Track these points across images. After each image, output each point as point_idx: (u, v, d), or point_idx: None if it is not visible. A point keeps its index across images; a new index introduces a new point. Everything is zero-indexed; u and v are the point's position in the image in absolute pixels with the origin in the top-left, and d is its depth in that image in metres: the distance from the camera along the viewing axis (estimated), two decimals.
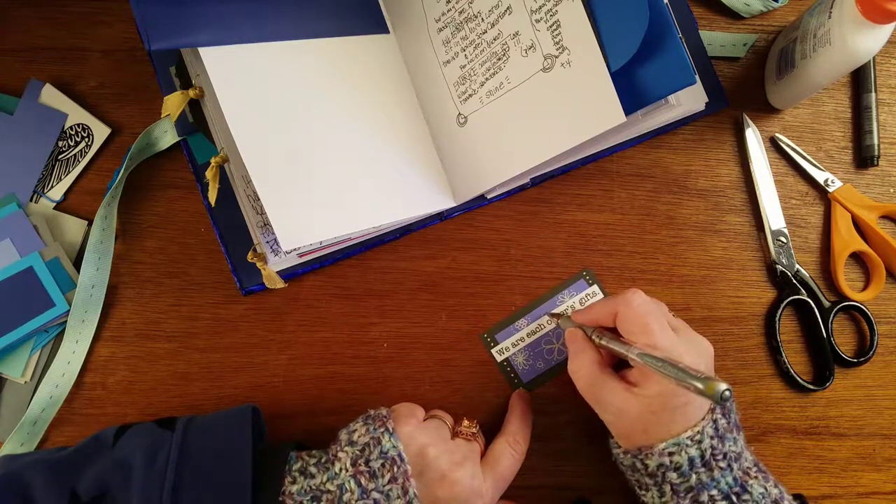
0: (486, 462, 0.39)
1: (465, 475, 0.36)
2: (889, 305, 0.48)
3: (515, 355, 0.46)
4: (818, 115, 0.49)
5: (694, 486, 0.35)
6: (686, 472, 0.35)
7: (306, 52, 0.42)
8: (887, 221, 0.48)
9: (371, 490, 0.34)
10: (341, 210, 0.41)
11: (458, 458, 0.37)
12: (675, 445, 0.35)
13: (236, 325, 0.45)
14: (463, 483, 0.36)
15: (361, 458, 0.35)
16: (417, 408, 0.40)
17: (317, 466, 0.36)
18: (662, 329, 0.36)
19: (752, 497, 0.35)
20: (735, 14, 0.49)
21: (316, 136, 0.41)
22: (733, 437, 0.36)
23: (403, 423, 0.37)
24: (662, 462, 0.35)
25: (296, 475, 0.35)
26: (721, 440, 0.36)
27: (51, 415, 0.43)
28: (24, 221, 0.44)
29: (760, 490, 0.35)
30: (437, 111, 0.46)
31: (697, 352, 0.37)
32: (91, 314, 0.44)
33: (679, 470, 0.35)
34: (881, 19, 0.37)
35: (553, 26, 0.39)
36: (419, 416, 0.39)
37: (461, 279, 0.46)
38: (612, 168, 0.48)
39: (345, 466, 0.35)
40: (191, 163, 0.46)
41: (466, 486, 0.36)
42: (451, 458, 0.37)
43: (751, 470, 0.37)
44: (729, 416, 0.37)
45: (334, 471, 0.35)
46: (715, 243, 0.48)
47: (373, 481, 0.35)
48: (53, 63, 0.47)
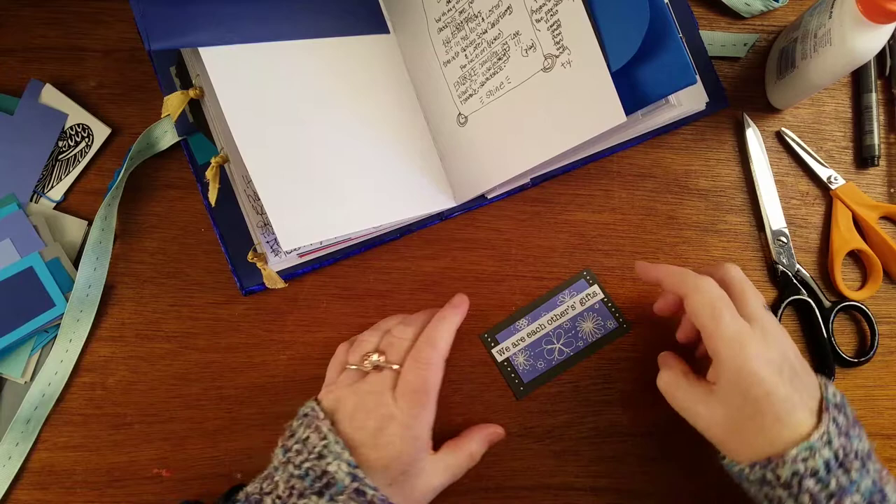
0: (398, 384, 0.38)
1: (371, 404, 0.37)
2: (889, 305, 0.47)
3: (516, 355, 0.46)
4: (819, 115, 0.49)
5: (834, 492, 0.32)
6: (824, 478, 0.33)
7: (306, 52, 0.42)
8: (887, 222, 0.48)
9: (292, 446, 0.36)
10: (341, 210, 0.41)
11: (364, 394, 0.37)
12: (807, 450, 0.33)
13: (236, 325, 0.45)
14: (370, 412, 0.36)
15: (286, 430, 0.37)
16: (333, 361, 0.41)
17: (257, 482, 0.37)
18: (733, 317, 0.35)
19: (890, 503, 0.33)
20: (735, 14, 0.49)
21: (316, 137, 0.41)
22: (857, 433, 0.34)
23: (321, 391, 0.39)
24: (797, 469, 0.33)
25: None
26: (847, 438, 0.33)
27: (44, 413, 0.43)
28: (24, 221, 0.44)
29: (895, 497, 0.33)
30: (437, 111, 0.46)
31: (765, 343, 0.35)
32: (86, 314, 0.44)
33: (816, 476, 0.33)
34: (881, 19, 0.37)
35: (553, 26, 0.39)
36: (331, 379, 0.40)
37: (461, 279, 0.46)
38: (612, 168, 0.48)
39: (276, 452, 0.37)
40: (191, 163, 0.46)
41: (374, 414, 0.36)
42: (355, 397, 0.37)
43: (883, 473, 0.34)
44: (844, 411, 0.35)
45: (273, 465, 0.36)
46: (715, 243, 0.48)
47: (291, 438, 0.36)
48: (53, 63, 0.47)
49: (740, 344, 0.35)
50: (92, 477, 0.43)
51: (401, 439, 0.36)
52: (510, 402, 0.45)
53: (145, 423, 0.44)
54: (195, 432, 0.44)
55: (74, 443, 0.44)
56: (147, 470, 0.44)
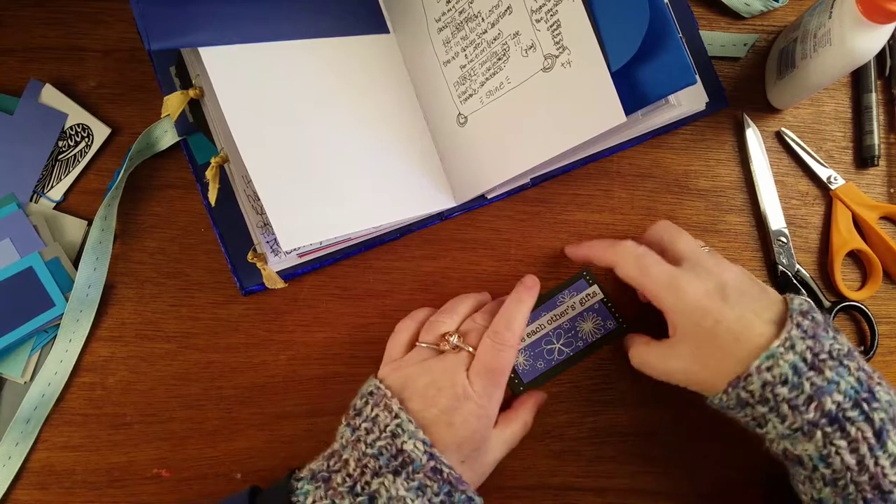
0: (472, 364, 0.38)
1: (445, 382, 0.36)
2: (889, 305, 0.47)
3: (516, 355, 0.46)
4: (818, 115, 0.49)
5: (813, 395, 0.32)
6: (796, 382, 0.32)
7: (306, 51, 0.42)
8: (887, 222, 0.48)
9: (360, 424, 0.36)
10: (341, 210, 0.41)
11: (438, 373, 0.37)
12: (768, 358, 0.33)
13: (236, 325, 0.45)
14: (443, 390, 0.36)
15: (350, 410, 0.37)
16: (396, 339, 0.41)
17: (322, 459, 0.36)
18: (659, 265, 0.37)
19: (881, 404, 0.32)
20: (735, 14, 0.49)
21: (316, 136, 0.41)
22: (830, 335, 0.34)
23: (381, 369, 0.40)
24: (765, 380, 0.33)
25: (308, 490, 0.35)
26: (815, 339, 0.33)
27: (44, 413, 0.43)
28: (24, 221, 0.44)
29: (887, 398, 0.32)
30: (437, 111, 0.46)
31: (698, 277, 0.36)
32: (86, 314, 0.44)
33: (787, 382, 0.32)
34: (881, 19, 0.37)
35: (553, 26, 0.39)
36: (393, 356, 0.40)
37: (461, 279, 0.46)
38: (612, 168, 0.48)
39: (342, 431, 0.37)
40: (191, 163, 0.46)
41: (448, 393, 0.36)
42: (428, 375, 0.37)
43: (871, 373, 0.34)
44: (810, 316, 0.34)
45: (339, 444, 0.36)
46: (715, 243, 0.48)
47: (358, 417, 0.36)
48: (53, 63, 0.47)
49: (675, 287, 0.36)
50: (91, 477, 0.43)
51: (476, 418, 0.36)
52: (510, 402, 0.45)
53: (145, 423, 0.44)
54: (195, 432, 0.44)
55: (74, 443, 0.44)
56: (147, 470, 0.44)
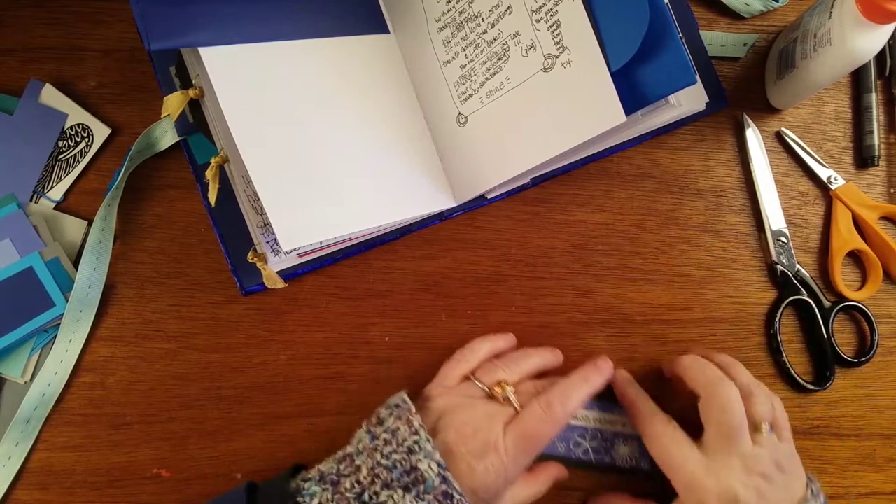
0: (514, 421, 0.37)
1: (483, 425, 0.36)
2: (889, 306, 0.47)
3: None
4: (818, 115, 0.49)
5: None
6: None
7: (306, 51, 0.42)
8: (887, 222, 0.48)
9: (380, 434, 0.35)
10: (341, 210, 0.41)
11: (480, 414, 0.36)
12: None
13: (236, 325, 0.45)
14: (479, 432, 0.35)
15: (372, 417, 0.37)
16: (454, 367, 0.40)
17: (334, 462, 0.36)
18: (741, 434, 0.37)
19: None
20: (735, 14, 0.49)
21: (316, 136, 0.41)
22: None
23: (431, 387, 0.39)
24: None
25: (315, 491, 0.35)
26: None
27: (44, 413, 0.43)
28: (24, 221, 0.44)
29: None
30: (437, 111, 0.46)
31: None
32: (86, 314, 0.44)
33: None
34: (881, 19, 0.37)
35: (553, 26, 0.39)
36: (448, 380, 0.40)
37: (461, 279, 0.46)
38: (612, 168, 0.48)
39: (360, 436, 0.36)
40: (191, 163, 0.46)
41: (482, 436, 0.35)
42: (471, 410, 0.36)
43: None
44: None
45: (354, 448, 0.36)
46: (715, 243, 0.48)
47: (379, 426, 0.36)
48: (53, 63, 0.47)
49: (714, 472, 0.37)
50: (92, 477, 0.43)
51: (496, 474, 0.35)
52: None
53: (145, 423, 0.44)
54: (195, 432, 0.44)
55: (74, 443, 0.44)
56: (147, 470, 0.44)
